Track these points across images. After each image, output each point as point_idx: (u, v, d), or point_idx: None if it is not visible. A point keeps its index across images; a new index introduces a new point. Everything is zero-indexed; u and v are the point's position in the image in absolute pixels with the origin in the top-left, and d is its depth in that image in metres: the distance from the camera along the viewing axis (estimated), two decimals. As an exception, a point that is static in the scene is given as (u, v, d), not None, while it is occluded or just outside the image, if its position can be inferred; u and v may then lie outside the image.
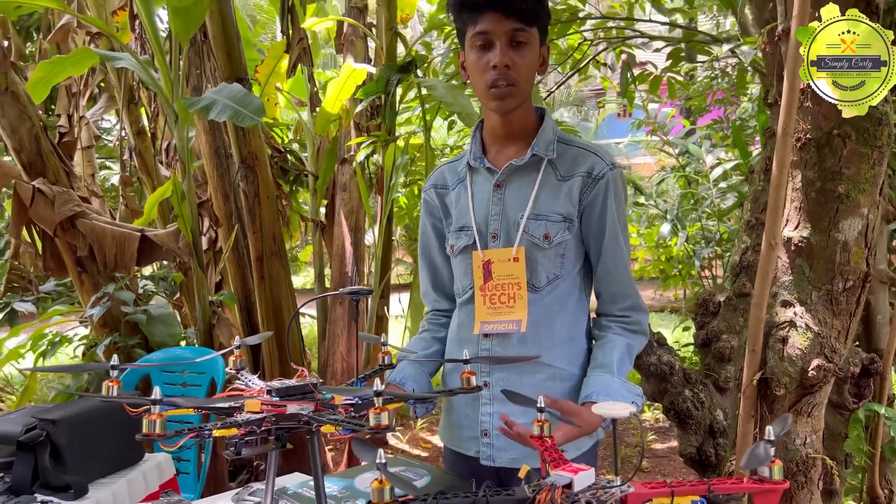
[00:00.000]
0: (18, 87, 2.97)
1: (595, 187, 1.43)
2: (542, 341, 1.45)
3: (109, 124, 7.25)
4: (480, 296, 1.48)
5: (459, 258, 1.53)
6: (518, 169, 1.47)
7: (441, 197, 1.60)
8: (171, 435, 1.06)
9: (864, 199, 1.39)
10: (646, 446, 4.46)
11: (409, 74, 4.01)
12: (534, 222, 1.44)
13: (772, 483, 0.96)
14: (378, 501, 0.89)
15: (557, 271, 1.46)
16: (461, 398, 1.55)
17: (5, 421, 1.86)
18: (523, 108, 1.47)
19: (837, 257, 1.41)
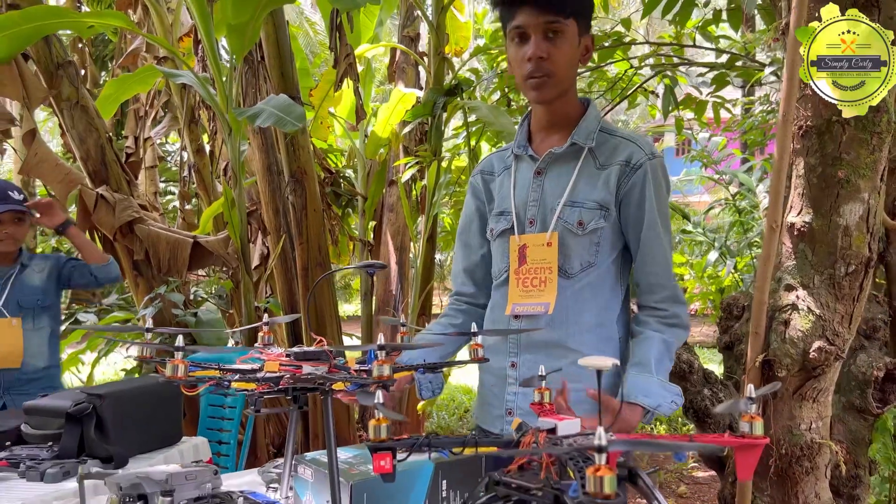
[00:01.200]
0: (88, 101, 3.20)
1: (633, 176, 1.45)
2: (569, 326, 1.48)
3: (174, 148, 7.61)
4: (514, 279, 1.52)
5: (498, 242, 1.58)
6: (559, 157, 1.51)
7: (486, 183, 1.65)
8: (194, 380, 1.16)
9: (865, 183, 1.41)
10: (686, 473, 4.39)
11: (455, 98, 4.14)
12: (569, 209, 1.47)
13: (752, 438, 0.99)
14: (375, 438, 0.95)
15: (592, 259, 1.48)
16: (490, 378, 1.60)
17: (57, 397, 2.01)
18: (565, 98, 1.51)
19: (839, 242, 1.43)
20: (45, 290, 2.69)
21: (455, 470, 1.38)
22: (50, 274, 2.73)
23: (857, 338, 1.87)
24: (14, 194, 2.63)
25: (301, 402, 1.35)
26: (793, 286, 1.47)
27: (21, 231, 2.67)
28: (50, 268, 2.74)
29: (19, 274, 2.68)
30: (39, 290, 2.68)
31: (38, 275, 2.71)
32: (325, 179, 5.16)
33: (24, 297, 2.64)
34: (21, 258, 2.71)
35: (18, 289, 2.65)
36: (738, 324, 2.03)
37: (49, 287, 2.71)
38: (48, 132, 10.23)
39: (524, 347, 1.50)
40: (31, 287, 2.67)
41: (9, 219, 2.61)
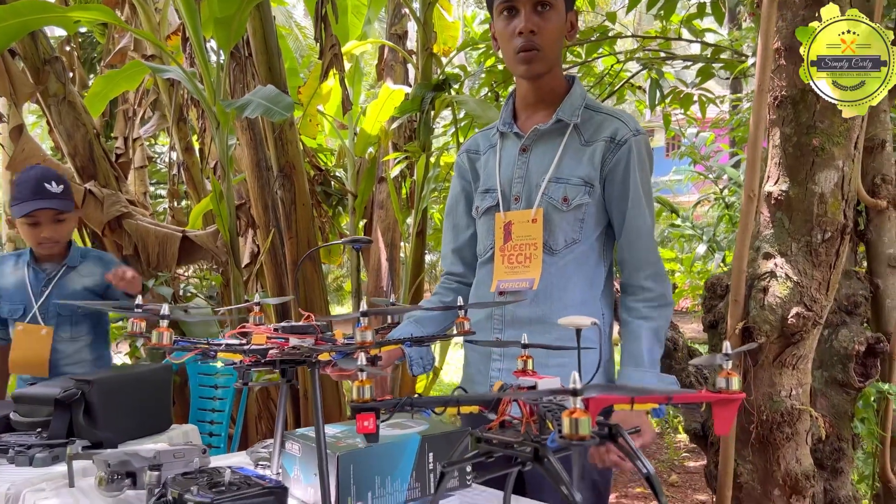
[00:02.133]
0: (75, 97, 3.21)
1: (618, 153, 1.46)
2: (554, 302, 1.49)
3: (163, 150, 7.62)
4: (500, 255, 1.54)
5: (483, 219, 1.60)
6: (544, 134, 1.52)
7: (472, 162, 1.66)
8: (179, 348, 1.17)
9: (839, 151, 1.43)
10: (679, 463, 4.42)
11: (443, 93, 4.16)
12: (554, 185, 1.48)
13: (729, 393, 1.00)
14: (359, 399, 0.97)
15: (576, 235, 1.49)
16: (475, 355, 1.62)
17: (46, 385, 2.01)
18: (552, 75, 1.52)
19: (815, 209, 1.45)
20: (86, 298, 2.39)
21: (442, 442, 1.40)
22: (97, 283, 2.43)
23: (839, 313, 1.89)
24: (51, 186, 2.29)
25: (289, 375, 1.37)
26: (771, 254, 1.49)
27: (62, 231, 2.35)
28: (100, 276, 2.42)
29: (64, 276, 2.39)
30: (80, 298, 2.37)
31: (85, 279, 2.42)
32: (314, 177, 5.18)
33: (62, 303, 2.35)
34: (68, 259, 2.41)
35: (58, 292, 2.36)
36: (722, 303, 2.06)
37: (92, 296, 2.41)
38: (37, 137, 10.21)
39: (508, 323, 1.52)
40: (72, 293, 2.38)
41: (47, 219, 2.30)
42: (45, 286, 2.37)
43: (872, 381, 1.83)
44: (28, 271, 2.39)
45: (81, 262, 2.44)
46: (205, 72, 3.02)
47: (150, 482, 1.33)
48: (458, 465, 0.98)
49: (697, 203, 6.76)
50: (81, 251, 2.49)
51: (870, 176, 1.95)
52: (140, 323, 1.28)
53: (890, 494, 2.00)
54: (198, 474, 1.32)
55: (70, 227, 2.40)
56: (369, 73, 8.54)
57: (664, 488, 4.01)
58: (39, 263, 2.41)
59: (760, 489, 1.57)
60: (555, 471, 0.89)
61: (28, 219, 2.30)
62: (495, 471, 0.99)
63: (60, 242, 2.37)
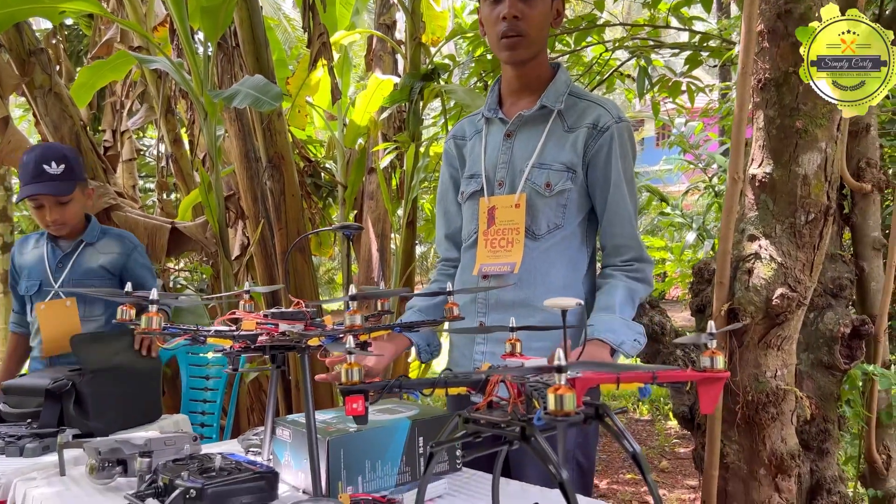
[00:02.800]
0: (61, 88, 3.19)
1: (600, 139, 1.48)
2: (536, 286, 1.50)
3: (152, 143, 7.59)
4: (483, 240, 1.56)
5: (468, 204, 1.61)
6: (528, 120, 1.53)
7: (459, 148, 1.68)
8: (168, 334, 1.17)
9: (822, 133, 1.44)
10: (669, 449, 4.45)
11: (432, 82, 4.16)
12: (537, 170, 1.50)
13: (713, 372, 1.02)
14: (348, 381, 0.97)
15: (559, 221, 1.51)
16: (459, 338, 1.63)
17: (36, 376, 2.01)
18: (537, 61, 1.53)
19: (798, 191, 1.46)
20: (102, 277, 2.35)
21: (432, 427, 1.41)
22: (114, 262, 2.38)
23: (825, 296, 1.91)
24: (51, 167, 2.22)
25: (279, 361, 1.37)
26: (755, 236, 1.51)
27: (67, 213, 2.28)
28: (118, 255, 2.39)
29: (81, 252, 2.34)
30: (96, 276, 2.34)
31: (102, 257, 2.36)
32: (304, 169, 5.16)
33: (78, 280, 2.32)
34: (85, 234, 2.36)
35: (74, 269, 2.32)
36: (710, 287, 2.07)
37: (108, 275, 2.36)
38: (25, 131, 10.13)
39: (492, 307, 1.53)
40: (86, 270, 2.33)
41: (50, 201, 2.24)
42: (61, 262, 2.34)
43: (858, 363, 1.85)
44: (47, 248, 2.37)
45: (100, 239, 2.40)
46: (192, 62, 3.01)
47: (140, 469, 1.34)
48: (446, 445, 0.98)
49: (687, 192, 6.79)
50: (102, 228, 2.45)
51: (855, 160, 1.97)
52: (130, 310, 1.29)
53: (875, 475, 2.03)
54: (188, 460, 1.32)
55: (77, 207, 2.33)
56: (358, 64, 8.51)
57: (654, 475, 4.04)
58: (57, 240, 2.38)
59: (747, 469, 1.59)
60: (542, 449, 0.90)
61: (32, 202, 2.28)
62: (483, 450, 1.00)
63: (67, 224, 2.32)
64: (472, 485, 1.36)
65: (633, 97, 6.47)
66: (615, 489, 3.89)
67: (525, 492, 1.32)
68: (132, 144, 5.40)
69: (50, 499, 1.34)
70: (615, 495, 3.74)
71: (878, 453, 2.00)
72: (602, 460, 4.45)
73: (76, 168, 2.32)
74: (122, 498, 1.26)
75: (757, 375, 1.54)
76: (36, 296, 2.34)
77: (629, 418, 5.65)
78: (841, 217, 2.01)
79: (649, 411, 5.75)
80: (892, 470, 2.03)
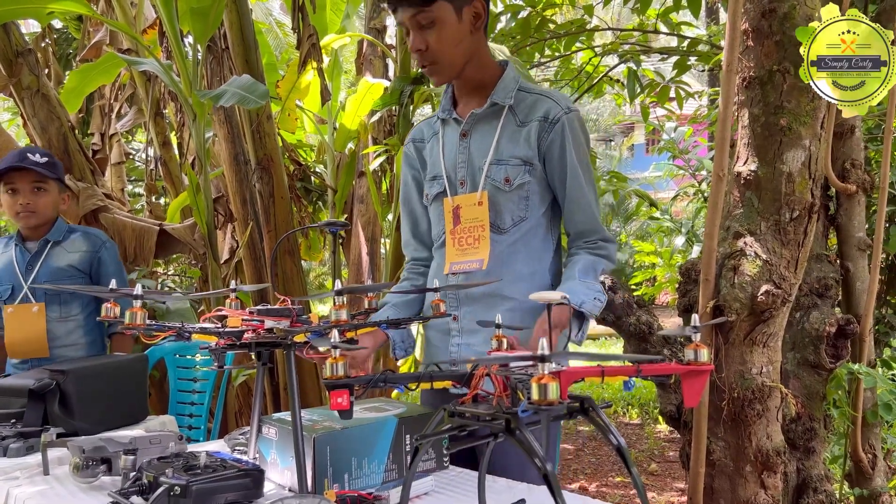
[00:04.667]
0: (49, 89, 3.18)
1: (552, 131, 1.51)
2: (503, 276, 1.53)
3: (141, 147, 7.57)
4: (451, 238, 1.59)
5: (433, 206, 1.64)
6: (481, 118, 1.56)
7: (419, 151, 1.70)
8: (153, 329, 1.17)
9: (806, 130, 1.46)
10: (658, 452, 4.46)
11: (422, 86, 4.16)
12: (495, 167, 1.53)
13: (697, 365, 1.02)
14: (332, 376, 0.97)
15: (522, 213, 1.54)
16: (435, 334, 1.65)
17: (20, 377, 1.99)
18: (473, 66, 1.54)
19: (783, 188, 1.48)
20: (72, 276, 2.34)
21: (419, 424, 1.41)
22: (83, 259, 2.38)
23: (811, 296, 1.92)
24: (34, 156, 2.25)
25: (264, 358, 1.37)
26: (741, 233, 1.52)
27: (41, 201, 2.29)
28: (86, 252, 2.39)
29: (49, 252, 2.34)
30: (66, 275, 2.33)
31: (70, 255, 2.36)
32: (294, 172, 5.15)
33: (49, 281, 2.30)
34: (51, 233, 2.36)
35: (44, 270, 2.31)
36: (697, 287, 2.08)
37: (78, 274, 2.36)
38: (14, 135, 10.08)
39: (463, 301, 1.57)
40: (56, 269, 2.33)
41: (25, 187, 2.25)
42: (30, 264, 2.33)
43: (843, 363, 1.86)
44: (15, 251, 2.36)
45: (67, 237, 2.39)
46: (180, 63, 3.00)
47: (125, 467, 1.33)
48: (430, 438, 0.98)
49: (675, 196, 6.82)
50: (69, 227, 2.44)
51: (840, 161, 1.98)
52: (114, 307, 1.28)
53: (861, 473, 2.04)
54: (173, 458, 1.31)
55: (50, 200, 2.34)
56: (350, 70, 8.52)
57: (644, 478, 4.05)
58: (25, 242, 2.37)
59: (733, 466, 1.60)
60: (527, 442, 0.90)
61: (7, 186, 2.27)
62: (468, 443, 1.00)
63: (38, 213, 2.31)
64: (459, 482, 1.36)
65: (623, 103, 6.51)
66: (605, 492, 3.89)
67: (511, 489, 1.31)
68: (121, 148, 5.38)
69: (33, 498, 1.33)
70: (604, 498, 3.74)
71: (864, 452, 2.01)
72: (592, 463, 4.45)
73: (58, 167, 2.35)
74: (106, 496, 1.25)
75: (743, 372, 1.54)
76: (9, 300, 2.34)
77: (619, 422, 5.65)
78: (826, 218, 2.02)
79: (639, 415, 5.76)
80: (877, 469, 2.04)
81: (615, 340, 9.91)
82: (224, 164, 3.95)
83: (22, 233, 2.38)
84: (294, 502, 1.11)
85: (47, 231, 2.37)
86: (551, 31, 4.05)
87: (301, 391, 3.38)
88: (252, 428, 1.46)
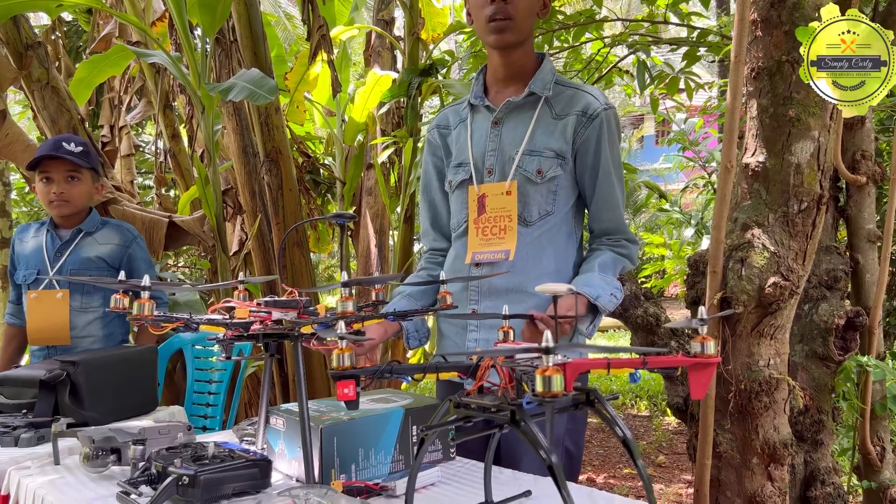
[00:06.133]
0: (59, 82, 3.19)
1: (589, 126, 1.49)
2: (529, 272, 1.51)
3: (149, 137, 7.60)
4: (474, 228, 1.56)
5: (456, 193, 1.61)
6: (516, 107, 1.54)
7: (443, 137, 1.68)
8: (160, 320, 1.17)
9: (815, 122, 1.45)
10: (667, 445, 4.46)
11: (430, 77, 4.16)
12: (528, 157, 1.50)
13: (704, 357, 1.02)
14: (339, 366, 0.98)
15: (549, 207, 1.52)
16: (450, 327, 1.63)
17: (32, 367, 2.01)
18: (523, 49, 1.54)
19: (791, 179, 1.47)
20: (99, 267, 2.34)
21: (426, 416, 1.41)
22: (113, 252, 2.38)
23: (819, 288, 1.91)
24: (69, 145, 2.27)
25: (272, 349, 1.38)
26: (748, 225, 1.51)
27: (74, 190, 2.30)
28: (117, 246, 2.39)
29: (80, 242, 2.35)
30: (94, 266, 2.33)
31: (100, 248, 2.36)
32: (303, 165, 5.16)
33: (76, 270, 2.31)
34: (84, 224, 2.37)
35: (72, 259, 2.33)
36: (705, 279, 2.07)
37: (106, 266, 2.36)
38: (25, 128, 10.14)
39: (485, 294, 1.54)
40: (84, 259, 2.33)
41: (60, 176, 2.27)
42: (59, 251, 2.35)
43: (852, 355, 1.85)
44: (46, 237, 2.37)
45: (99, 229, 2.40)
46: (189, 56, 3.01)
47: (134, 457, 1.34)
48: (436, 429, 0.99)
49: (685, 188, 6.79)
50: (102, 219, 2.45)
51: (850, 152, 1.97)
52: (123, 299, 1.29)
53: (870, 466, 2.03)
54: (182, 448, 1.32)
55: (84, 189, 2.35)
56: (358, 62, 8.50)
57: (651, 470, 4.05)
58: (57, 229, 2.39)
59: (739, 458, 1.59)
60: (531, 433, 0.90)
61: (41, 174, 2.29)
62: (473, 433, 1.00)
63: (71, 202, 2.32)
64: (466, 473, 1.37)
65: (633, 94, 6.48)
66: (612, 483, 3.89)
67: (517, 480, 1.32)
68: (130, 140, 5.39)
69: (44, 487, 1.34)
70: (612, 490, 3.75)
71: (873, 445, 2.00)
72: (599, 455, 4.46)
73: (92, 156, 2.36)
74: (115, 485, 1.26)
75: (750, 364, 1.54)
76: (33, 285, 2.34)
77: (627, 414, 5.65)
78: (836, 209, 2.01)
79: (647, 407, 5.75)
80: (886, 461, 2.03)
81: (623, 332, 9.91)
82: (233, 157, 3.96)
83: (55, 220, 2.39)
84: (301, 492, 1.11)
85: (80, 221, 2.38)
86: (560, 22, 4.03)
87: (311, 382, 3.40)
88: (260, 418, 1.47)
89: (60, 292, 2.29)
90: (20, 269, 2.40)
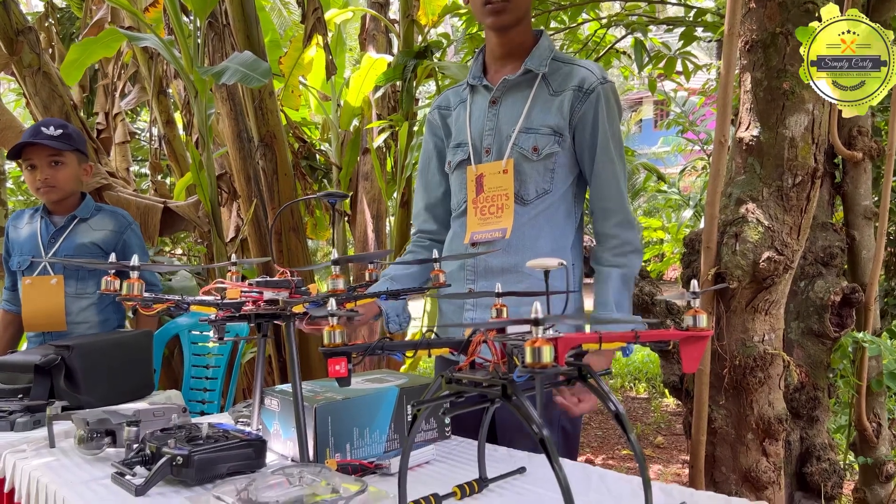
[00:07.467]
0: (50, 67, 3.17)
1: (586, 101, 1.47)
2: (525, 252, 1.50)
3: (145, 124, 7.56)
4: (472, 208, 1.55)
5: (456, 173, 1.60)
6: (513, 85, 1.52)
7: (444, 118, 1.67)
8: (150, 301, 1.17)
9: (809, 94, 1.44)
10: (666, 426, 4.48)
11: (426, 60, 4.13)
12: (524, 135, 1.49)
13: (696, 331, 1.01)
14: (329, 343, 0.97)
15: (547, 185, 1.50)
16: (448, 306, 1.63)
17: (27, 352, 2.01)
18: (521, 28, 1.52)
19: (786, 153, 1.46)
20: (94, 253, 2.32)
21: (420, 395, 1.41)
22: (107, 238, 2.37)
23: (816, 265, 1.91)
24: (48, 129, 2.24)
25: (264, 329, 1.37)
26: (743, 200, 1.50)
27: (59, 175, 2.28)
28: (111, 232, 2.38)
29: (74, 228, 2.34)
30: (88, 252, 2.32)
31: (95, 233, 2.35)
32: (299, 150, 5.14)
33: (70, 256, 2.31)
34: (78, 210, 2.36)
35: (66, 245, 2.32)
36: (700, 257, 2.07)
37: (100, 252, 2.34)
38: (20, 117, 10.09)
39: (481, 274, 1.53)
40: (78, 245, 2.32)
41: (43, 162, 2.25)
42: (53, 238, 2.34)
43: (848, 331, 1.85)
44: (40, 223, 2.36)
45: (94, 215, 2.39)
46: (181, 39, 2.98)
47: (128, 438, 1.34)
48: (428, 404, 0.98)
49: (683, 171, 6.77)
50: (97, 205, 2.44)
51: (846, 128, 1.96)
52: (114, 281, 1.28)
53: (866, 442, 2.04)
54: (176, 429, 1.32)
55: (70, 173, 2.33)
56: (354, 48, 8.45)
57: (649, 451, 4.07)
58: (51, 216, 2.38)
59: (734, 434, 1.59)
60: (523, 407, 0.90)
61: (25, 162, 2.27)
62: (466, 407, 1.00)
63: (58, 187, 2.30)
64: (461, 451, 1.37)
65: (630, 76, 6.44)
66: (610, 464, 3.91)
67: (512, 457, 1.32)
68: (125, 127, 5.37)
69: (39, 469, 1.34)
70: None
71: (869, 421, 2.00)
72: (598, 437, 4.47)
73: (75, 137, 2.33)
74: (110, 467, 1.26)
75: (744, 340, 1.53)
76: (28, 271, 2.34)
77: (625, 396, 5.67)
78: (832, 186, 2.00)
79: (646, 389, 5.77)
80: (882, 438, 2.03)
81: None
82: (227, 141, 3.94)
83: (48, 207, 2.38)
84: (295, 471, 1.11)
85: (74, 206, 2.37)
86: (556, 3, 4.00)
87: (307, 364, 3.40)
88: (255, 399, 1.47)
89: (55, 278, 2.29)
90: (14, 256, 2.39)
